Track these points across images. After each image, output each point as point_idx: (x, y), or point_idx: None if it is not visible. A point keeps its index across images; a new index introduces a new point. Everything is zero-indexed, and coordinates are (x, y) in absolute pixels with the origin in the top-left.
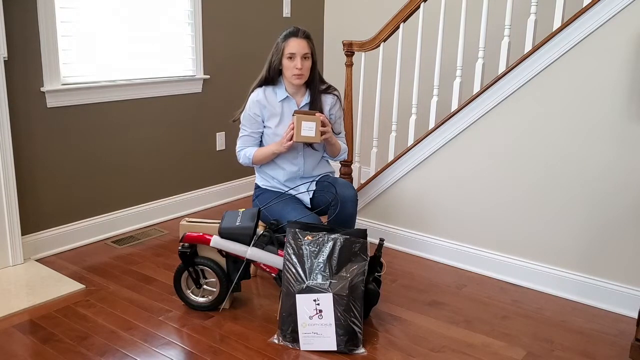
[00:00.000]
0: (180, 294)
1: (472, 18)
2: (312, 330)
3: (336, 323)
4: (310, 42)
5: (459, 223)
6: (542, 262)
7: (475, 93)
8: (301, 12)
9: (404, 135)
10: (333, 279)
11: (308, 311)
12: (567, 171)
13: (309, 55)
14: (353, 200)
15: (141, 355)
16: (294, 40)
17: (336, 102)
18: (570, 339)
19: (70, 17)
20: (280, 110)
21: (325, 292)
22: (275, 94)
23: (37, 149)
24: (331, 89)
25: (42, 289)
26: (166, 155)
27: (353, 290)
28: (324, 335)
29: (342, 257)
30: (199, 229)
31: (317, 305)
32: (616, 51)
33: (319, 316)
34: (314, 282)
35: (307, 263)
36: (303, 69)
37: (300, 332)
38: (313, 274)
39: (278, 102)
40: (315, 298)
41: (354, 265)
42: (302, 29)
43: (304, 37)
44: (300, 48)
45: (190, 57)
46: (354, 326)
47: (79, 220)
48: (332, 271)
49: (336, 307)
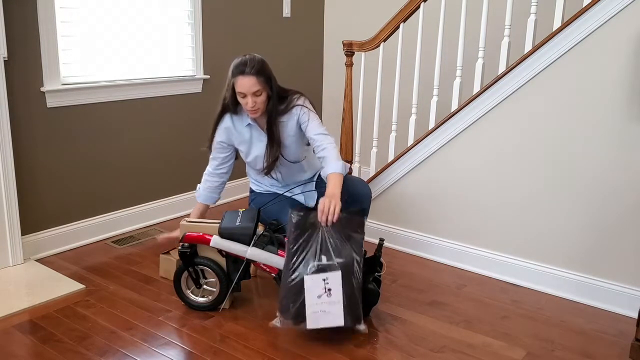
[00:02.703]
0: (180, 294)
1: (472, 18)
2: (320, 309)
3: (344, 300)
4: (260, 77)
5: (459, 223)
6: (542, 262)
7: (475, 93)
8: (301, 12)
9: (404, 135)
10: (338, 258)
11: (317, 291)
12: (568, 171)
13: (260, 92)
14: (368, 197)
15: (141, 355)
16: (242, 79)
17: (300, 112)
18: (570, 339)
19: (70, 17)
20: (248, 136)
21: (335, 270)
22: (240, 120)
23: (37, 148)
24: (292, 101)
25: (42, 289)
26: (166, 155)
27: (356, 265)
28: (331, 312)
29: (343, 236)
30: (199, 229)
31: (326, 284)
32: (616, 51)
33: (328, 294)
34: (321, 263)
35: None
36: (256, 105)
37: (307, 312)
38: (317, 254)
39: (244, 127)
40: (324, 277)
41: (353, 242)
42: (253, 61)
43: (252, 73)
44: (249, 87)
45: (190, 57)
46: (358, 302)
47: (79, 220)
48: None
49: (344, 285)
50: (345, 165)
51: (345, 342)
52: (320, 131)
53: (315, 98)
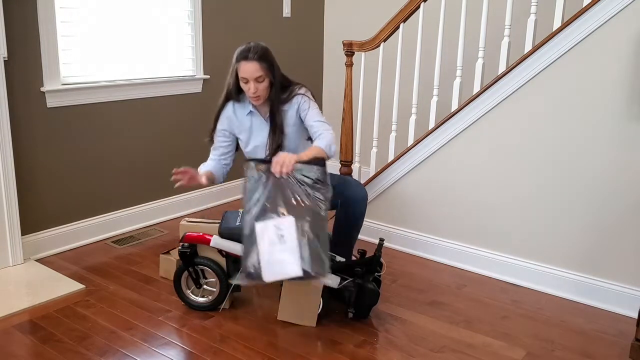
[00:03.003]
0: (180, 294)
1: (472, 18)
2: (274, 258)
3: (300, 247)
4: (262, 63)
5: (458, 223)
6: (542, 262)
7: (475, 93)
8: (301, 12)
9: (404, 135)
10: (296, 207)
11: (269, 238)
12: (568, 171)
13: (263, 78)
14: (364, 199)
15: (141, 355)
16: (245, 64)
17: (301, 101)
18: (570, 339)
19: (70, 17)
20: (249, 124)
21: (287, 216)
22: (242, 107)
23: (37, 148)
24: (294, 91)
25: (42, 289)
26: (166, 155)
27: (316, 216)
28: (287, 261)
29: (304, 187)
30: (199, 229)
31: (278, 230)
32: (616, 51)
33: (281, 242)
34: (273, 210)
35: (266, 195)
36: (258, 91)
37: (262, 262)
38: (271, 204)
39: (245, 115)
40: (275, 224)
41: (315, 192)
42: (256, 47)
43: (255, 59)
44: (252, 72)
45: (190, 57)
46: (319, 251)
47: (79, 220)
48: (291, 199)
49: (299, 232)
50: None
51: (345, 342)
52: (319, 119)
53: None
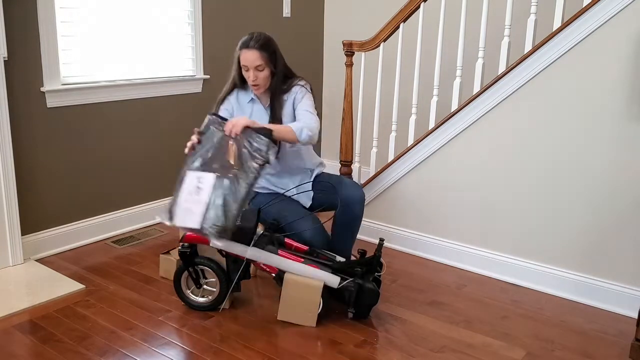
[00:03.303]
0: (180, 294)
1: (472, 18)
2: (186, 206)
3: (209, 204)
4: (263, 52)
5: (459, 223)
6: (542, 262)
7: (475, 93)
8: (301, 12)
9: (404, 135)
10: (228, 167)
11: (190, 187)
12: (567, 171)
13: (262, 67)
14: (360, 201)
15: (141, 355)
16: (245, 52)
17: (298, 91)
18: (570, 339)
19: (70, 17)
20: (249, 111)
21: (210, 172)
22: (245, 94)
23: (37, 148)
24: (294, 83)
25: (42, 289)
26: (166, 155)
27: (240, 182)
28: (194, 212)
29: (245, 153)
30: None
31: (199, 182)
32: (616, 51)
33: (197, 193)
34: (207, 165)
35: (209, 147)
36: (257, 79)
37: (176, 206)
38: (209, 156)
39: (247, 103)
40: (199, 176)
41: (250, 160)
42: (258, 37)
43: (255, 47)
44: (252, 60)
45: (190, 57)
46: (227, 215)
47: (79, 220)
48: (228, 159)
49: (215, 191)
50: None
51: (345, 342)
52: (307, 109)
53: (316, 98)
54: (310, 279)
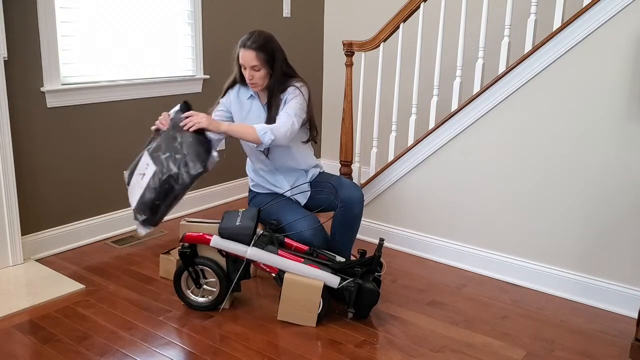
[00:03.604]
0: (180, 294)
1: (472, 18)
2: (132, 185)
3: (142, 194)
4: (259, 52)
5: (459, 223)
6: (542, 262)
7: (475, 93)
8: (301, 12)
9: (404, 135)
10: (163, 161)
11: (140, 168)
12: (567, 171)
13: (259, 67)
14: (360, 201)
15: (141, 355)
16: (243, 52)
17: (292, 92)
18: (570, 339)
19: (70, 17)
20: (248, 107)
21: (154, 165)
22: (246, 90)
23: (37, 149)
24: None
25: (42, 289)
26: None
27: (168, 180)
28: (134, 194)
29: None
30: (199, 229)
31: (145, 168)
32: (616, 51)
33: (141, 178)
34: (161, 154)
35: (167, 134)
36: (254, 78)
37: (130, 180)
38: (166, 146)
39: (247, 99)
40: (147, 162)
41: (185, 163)
42: (257, 36)
43: (252, 48)
44: (248, 60)
45: (190, 57)
46: (154, 207)
47: (79, 220)
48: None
49: (150, 182)
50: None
51: (345, 342)
52: (287, 110)
53: (315, 98)
54: (310, 279)
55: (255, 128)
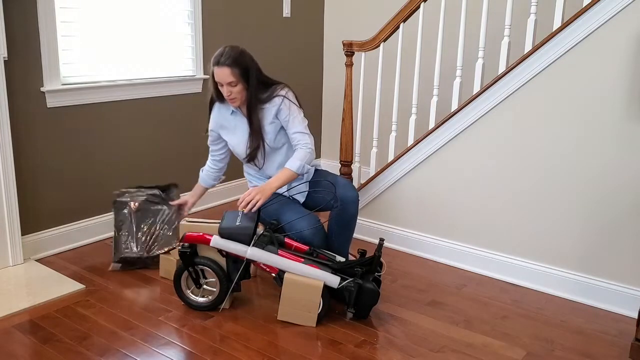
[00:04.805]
0: (180, 294)
1: (472, 18)
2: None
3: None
4: (234, 68)
5: (459, 223)
6: (542, 262)
7: (475, 93)
8: (301, 12)
9: (404, 135)
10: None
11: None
12: (567, 171)
13: (235, 82)
14: (355, 201)
15: (141, 355)
16: (217, 70)
17: (282, 101)
18: (570, 339)
19: (70, 17)
20: (233, 124)
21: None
22: (226, 107)
23: (37, 149)
24: (276, 91)
25: (42, 289)
26: (166, 155)
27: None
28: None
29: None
30: (199, 229)
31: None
32: (616, 51)
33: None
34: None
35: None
36: (232, 94)
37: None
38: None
39: (230, 115)
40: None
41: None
42: (229, 52)
43: (226, 64)
44: (223, 77)
45: (190, 57)
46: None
47: (79, 220)
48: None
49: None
50: (303, 169)
51: (345, 342)
52: (298, 129)
53: (316, 98)
54: (310, 279)
55: (292, 171)
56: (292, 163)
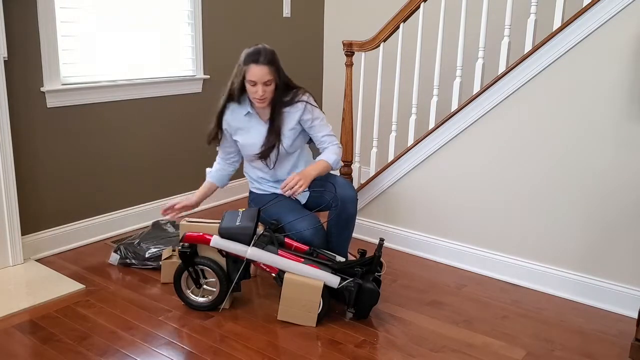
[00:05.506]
0: (180, 294)
1: (472, 18)
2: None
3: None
4: (272, 67)
5: (459, 223)
6: (542, 262)
7: (475, 93)
8: (301, 12)
9: (404, 135)
10: None
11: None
12: (568, 171)
13: (271, 82)
14: (353, 200)
15: (141, 355)
16: (254, 68)
17: (305, 107)
18: (570, 339)
19: (70, 17)
20: (246, 125)
21: None
22: (241, 108)
23: (37, 149)
24: (298, 96)
25: (42, 289)
26: (166, 155)
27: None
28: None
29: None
30: (199, 229)
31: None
32: (616, 51)
33: None
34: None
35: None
36: (265, 94)
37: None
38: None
39: (244, 116)
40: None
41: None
42: (265, 51)
43: (265, 63)
44: (261, 76)
45: (190, 57)
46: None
47: (79, 220)
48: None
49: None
50: (338, 165)
51: (345, 342)
52: (326, 132)
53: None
54: (310, 279)
55: (328, 164)
56: (329, 156)
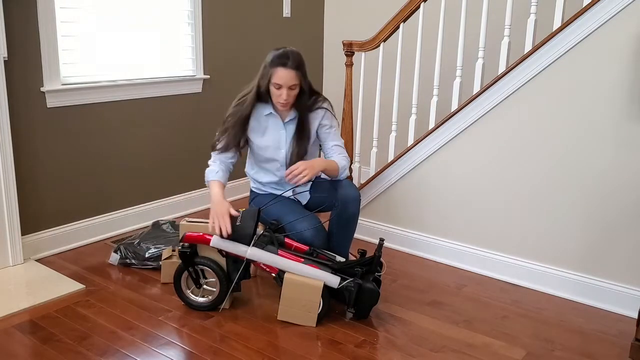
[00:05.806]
0: (180, 294)
1: (472, 18)
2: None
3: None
4: (299, 72)
5: (459, 223)
6: (542, 262)
7: (475, 93)
8: (301, 12)
9: (404, 135)
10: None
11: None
12: (568, 171)
13: (296, 86)
14: (356, 200)
15: (141, 355)
16: (282, 71)
17: (325, 113)
18: (570, 339)
19: (70, 17)
20: (265, 125)
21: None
22: (263, 108)
23: (37, 149)
24: (319, 102)
25: (42, 289)
26: (166, 155)
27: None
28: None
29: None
30: (199, 229)
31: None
32: (616, 51)
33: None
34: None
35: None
36: (289, 98)
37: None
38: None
39: (264, 116)
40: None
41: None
42: (293, 55)
43: (293, 67)
44: (288, 80)
45: (190, 57)
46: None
47: (79, 220)
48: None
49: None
50: (344, 173)
51: (345, 342)
52: (338, 143)
53: None
54: (310, 279)
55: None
56: (340, 160)
